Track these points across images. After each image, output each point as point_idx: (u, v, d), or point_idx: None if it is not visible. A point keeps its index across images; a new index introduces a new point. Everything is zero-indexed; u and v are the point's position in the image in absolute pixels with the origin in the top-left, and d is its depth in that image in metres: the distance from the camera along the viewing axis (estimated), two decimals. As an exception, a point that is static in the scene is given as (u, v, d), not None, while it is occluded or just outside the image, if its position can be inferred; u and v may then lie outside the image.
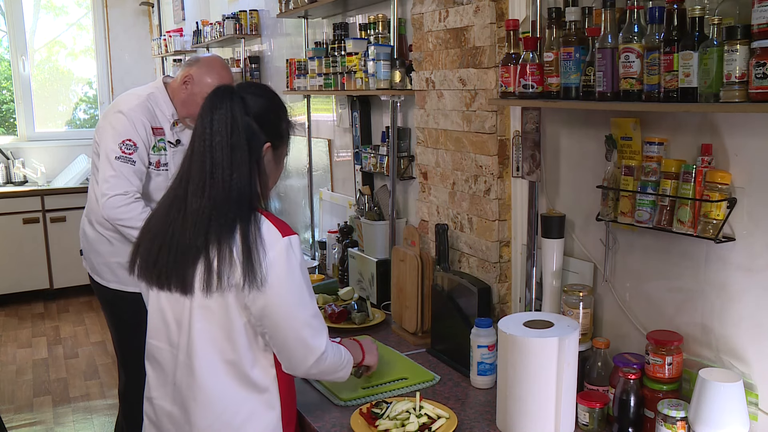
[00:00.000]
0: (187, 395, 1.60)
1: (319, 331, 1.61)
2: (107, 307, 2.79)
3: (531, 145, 2.07)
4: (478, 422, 1.76)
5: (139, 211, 2.49)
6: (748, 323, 1.56)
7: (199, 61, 2.70)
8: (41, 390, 4.27)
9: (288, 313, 1.55)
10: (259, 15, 4.48)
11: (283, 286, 1.53)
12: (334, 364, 1.67)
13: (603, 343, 1.78)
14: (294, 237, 1.58)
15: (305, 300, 1.59)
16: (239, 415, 1.59)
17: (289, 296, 1.55)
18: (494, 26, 2.14)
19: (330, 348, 1.65)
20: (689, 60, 1.41)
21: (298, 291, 1.57)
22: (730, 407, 1.46)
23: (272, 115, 1.66)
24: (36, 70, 6.81)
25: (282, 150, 1.71)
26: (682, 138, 1.67)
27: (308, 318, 1.58)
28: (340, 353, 1.70)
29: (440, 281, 2.27)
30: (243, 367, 1.58)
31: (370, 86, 2.74)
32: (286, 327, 1.55)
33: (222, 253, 1.51)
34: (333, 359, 1.66)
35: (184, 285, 1.54)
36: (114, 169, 2.50)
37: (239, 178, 1.55)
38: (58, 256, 5.95)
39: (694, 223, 1.57)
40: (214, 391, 1.58)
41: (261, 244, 1.52)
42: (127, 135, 2.53)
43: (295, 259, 1.56)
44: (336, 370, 1.70)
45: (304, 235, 4.02)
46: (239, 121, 1.57)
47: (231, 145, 1.55)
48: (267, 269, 1.51)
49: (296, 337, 1.57)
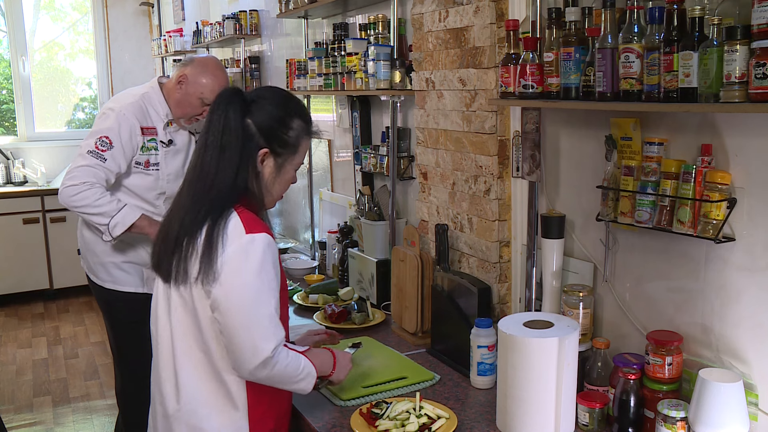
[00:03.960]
0: (164, 378, 1.67)
1: (270, 334, 1.56)
2: (104, 306, 2.80)
3: (531, 146, 2.07)
4: (477, 422, 1.76)
5: (96, 197, 2.46)
6: (748, 323, 1.56)
7: (194, 62, 2.69)
8: (41, 390, 4.27)
9: (238, 310, 1.54)
10: (259, 15, 4.48)
11: (236, 283, 1.54)
12: (287, 374, 1.60)
13: (603, 343, 1.78)
14: (260, 235, 1.56)
15: (260, 300, 1.55)
16: (204, 407, 1.62)
17: (243, 292, 1.54)
18: (494, 26, 2.14)
19: (282, 355, 1.58)
20: (689, 60, 1.41)
21: (253, 289, 1.55)
22: (730, 407, 1.46)
23: (278, 123, 1.66)
24: (36, 71, 6.81)
25: (288, 159, 1.69)
26: (682, 138, 1.67)
27: (259, 319, 1.55)
28: (297, 364, 1.62)
29: (440, 281, 2.27)
30: (213, 360, 1.61)
31: (370, 86, 2.74)
32: (235, 324, 1.54)
33: (188, 247, 1.58)
34: (285, 368, 1.59)
35: (167, 275, 1.63)
36: (82, 162, 2.50)
37: (222, 177, 1.59)
38: (58, 256, 5.96)
39: (694, 223, 1.57)
40: (184, 379, 1.63)
41: (223, 239, 1.56)
42: (105, 132, 2.52)
43: (254, 257, 1.54)
44: (290, 381, 1.63)
45: (303, 235, 4.02)
46: (232, 122, 1.60)
47: (221, 145, 1.60)
48: (222, 264, 1.54)
49: (243, 336, 1.54)
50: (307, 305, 2.78)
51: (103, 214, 2.49)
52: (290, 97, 1.74)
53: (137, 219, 2.53)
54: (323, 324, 2.51)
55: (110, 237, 2.53)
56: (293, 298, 2.87)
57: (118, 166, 2.55)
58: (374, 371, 2.06)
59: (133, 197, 2.64)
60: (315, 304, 2.77)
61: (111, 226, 2.50)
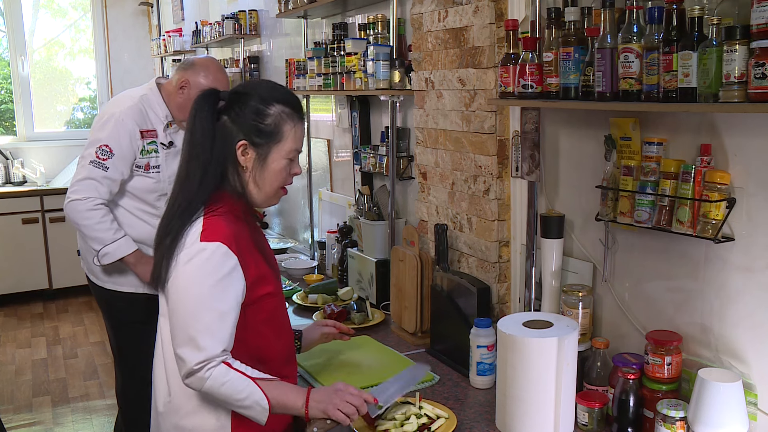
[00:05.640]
0: (156, 375, 1.70)
1: (202, 347, 1.49)
2: (103, 306, 2.80)
3: (530, 145, 2.07)
4: (477, 422, 1.76)
5: (97, 220, 2.51)
6: (747, 323, 1.56)
7: (195, 65, 2.68)
8: (40, 390, 4.27)
9: (178, 317, 1.53)
10: (258, 15, 4.48)
11: (179, 288, 1.54)
12: (223, 393, 1.51)
13: (602, 343, 1.78)
14: (213, 245, 1.52)
15: (196, 309, 1.51)
16: (187, 404, 1.63)
17: (180, 298, 1.53)
18: (493, 26, 2.14)
19: (216, 373, 1.50)
20: (688, 60, 1.41)
21: (189, 297, 1.52)
22: (730, 407, 1.46)
23: (252, 112, 1.62)
24: (35, 70, 6.81)
25: (272, 148, 1.63)
26: (681, 138, 1.67)
27: (190, 329, 1.50)
28: (237, 388, 1.51)
29: (439, 281, 2.27)
30: None
31: (370, 86, 2.74)
32: (173, 329, 1.54)
33: (162, 251, 1.60)
34: (220, 387, 1.50)
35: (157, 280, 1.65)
36: (85, 173, 2.52)
37: (192, 180, 1.60)
38: (58, 256, 5.95)
39: (693, 223, 1.57)
40: (171, 378, 1.64)
41: (179, 245, 1.56)
42: (105, 140, 2.53)
43: (199, 266, 1.51)
44: (232, 403, 1.54)
45: (303, 235, 4.02)
46: (205, 123, 1.60)
47: (194, 150, 1.61)
48: (172, 270, 1.55)
49: (174, 342, 1.54)
50: (307, 305, 2.78)
51: (98, 240, 2.54)
52: (271, 86, 1.68)
53: (127, 255, 2.57)
54: None
55: (98, 263, 2.59)
56: (293, 297, 2.87)
57: (120, 174, 2.56)
58: (374, 371, 2.06)
59: (134, 200, 2.64)
60: (314, 304, 2.77)
61: (101, 254, 2.55)
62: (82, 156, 2.56)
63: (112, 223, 2.55)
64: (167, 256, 1.57)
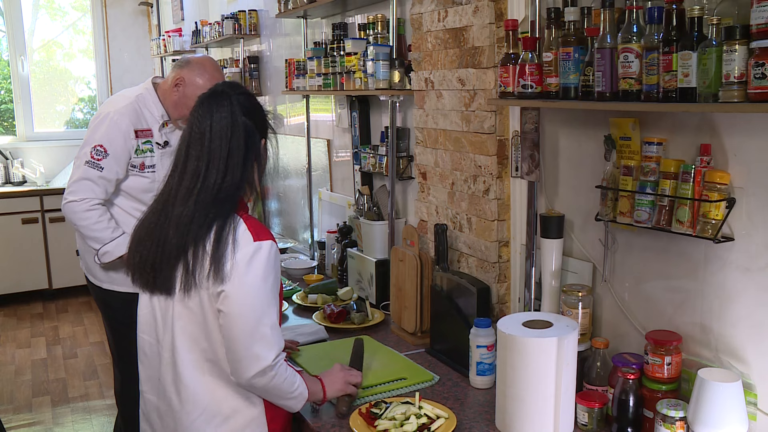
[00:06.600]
0: (170, 390, 1.64)
1: (272, 344, 1.56)
2: (102, 306, 2.81)
3: (530, 145, 2.07)
4: (477, 422, 1.76)
5: (94, 220, 2.52)
6: (746, 323, 1.56)
7: (191, 63, 2.68)
8: (40, 390, 4.27)
9: (242, 316, 1.53)
10: (258, 15, 4.48)
11: (242, 288, 1.53)
12: (283, 388, 1.61)
13: (602, 343, 1.78)
14: (266, 243, 1.56)
15: (264, 308, 1.56)
16: (222, 411, 1.62)
17: (247, 299, 1.54)
18: (493, 26, 2.14)
19: (282, 369, 1.59)
20: (688, 60, 1.41)
21: (258, 296, 1.55)
22: (729, 407, 1.46)
23: (260, 111, 1.69)
24: (34, 70, 6.80)
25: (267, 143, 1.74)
26: (681, 138, 1.67)
27: (262, 327, 1.55)
28: (293, 381, 1.64)
29: (439, 281, 2.27)
30: (223, 366, 1.60)
31: (369, 86, 2.74)
32: (237, 329, 1.54)
33: (197, 253, 1.55)
34: (282, 382, 1.60)
35: (168, 288, 1.60)
36: (80, 174, 2.52)
37: (231, 180, 1.59)
38: (57, 256, 5.95)
39: (693, 223, 1.57)
40: (196, 388, 1.61)
41: (234, 244, 1.55)
42: (99, 141, 2.53)
43: (259, 265, 1.55)
44: (283, 396, 1.64)
45: (303, 235, 4.02)
46: (240, 122, 1.60)
47: (229, 149, 1.59)
48: (231, 268, 1.53)
49: (246, 343, 1.54)
50: (306, 305, 2.77)
51: (97, 239, 2.54)
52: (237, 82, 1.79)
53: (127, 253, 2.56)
54: (322, 324, 2.51)
55: (98, 261, 2.59)
56: (292, 297, 2.87)
57: (115, 173, 2.56)
58: (373, 371, 2.06)
59: (130, 199, 2.64)
60: (314, 304, 2.77)
61: (101, 253, 2.56)
62: (78, 156, 2.56)
63: (110, 222, 2.55)
64: (217, 255, 1.53)
